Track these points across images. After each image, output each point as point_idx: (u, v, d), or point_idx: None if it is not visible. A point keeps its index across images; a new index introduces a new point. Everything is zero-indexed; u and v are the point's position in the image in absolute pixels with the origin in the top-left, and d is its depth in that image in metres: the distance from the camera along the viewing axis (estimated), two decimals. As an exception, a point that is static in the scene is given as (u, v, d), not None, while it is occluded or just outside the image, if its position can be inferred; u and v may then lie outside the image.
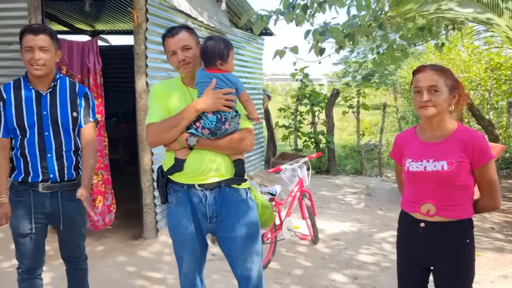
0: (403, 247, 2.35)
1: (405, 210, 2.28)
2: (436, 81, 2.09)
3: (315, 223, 4.73)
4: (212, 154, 2.34)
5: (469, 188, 2.15)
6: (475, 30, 5.37)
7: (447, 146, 2.13)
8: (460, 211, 2.13)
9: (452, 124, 2.17)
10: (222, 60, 2.32)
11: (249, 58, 7.99)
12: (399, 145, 2.34)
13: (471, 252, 2.19)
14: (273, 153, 9.13)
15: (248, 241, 2.42)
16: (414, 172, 2.17)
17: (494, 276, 4.00)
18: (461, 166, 2.09)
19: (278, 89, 44.78)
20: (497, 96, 11.34)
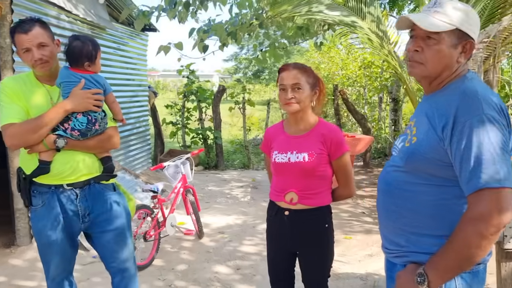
0: (272, 235, 2.48)
1: (272, 199, 2.42)
2: (299, 79, 2.23)
3: (199, 218, 4.79)
4: (80, 153, 2.31)
5: (327, 178, 2.33)
6: (344, 31, 5.78)
7: (308, 139, 2.29)
8: (320, 198, 2.31)
9: (313, 119, 2.34)
10: (90, 61, 2.31)
11: (133, 55, 7.79)
12: (268, 138, 2.48)
13: (330, 236, 2.38)
14: (161, 150, 9.03)
15: (121, 235, 2.45)
16: (280, 163, 2.32)
17: (361, 256, 4.41)
18: (320, 157, 2.26)
19: (169, 86, 44.10)
20: (371, 91, 12.35)
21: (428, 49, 1.50)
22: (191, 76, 9.27)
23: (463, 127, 1.37)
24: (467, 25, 1.47)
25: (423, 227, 1.52)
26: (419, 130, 1.53)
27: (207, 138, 9.18)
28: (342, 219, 5.59)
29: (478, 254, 1.34)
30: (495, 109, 1.38)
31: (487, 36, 2.93)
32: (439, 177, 1.48)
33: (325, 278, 2.43)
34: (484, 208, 1.31)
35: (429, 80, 1.57)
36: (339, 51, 14.59)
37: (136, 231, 4.04)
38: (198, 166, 8.93)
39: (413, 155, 1.51)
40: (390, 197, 1.62)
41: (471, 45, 1.50)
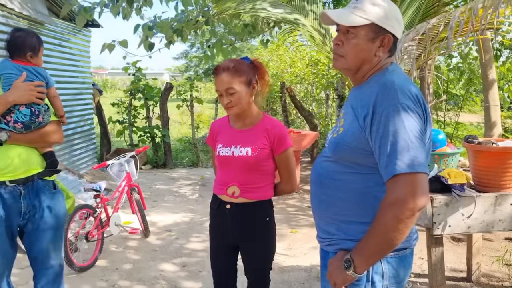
0: (214, 229, 2.48)
1: (215, 193, 2.41)
2: (230, 83, 2.17)
3: (145, 217, 4.73)
4: (21, 148, 2.28)
5: (270, 172, 2.34)
6: (289, 29, 5.88)
7: (253, 133, 2.29)
8: (261, 192, 2.33)
9: (257, 113, 2.33)
10: (33, 53, 2.30)
11: (75, 51, 7.57)
12: (214, 131, 2.46)
13: (271, 229, 2.40)
14: (107, 149, 8.81)
15: (55, 233, 2.42)
16: (224, 156, 2.31)
17: (306, 249, 4.50)
18: (263, 152, 2.26)
19: (118, 84, 43.05)
20: (318, 89, 12.59)
21: (347, 43, 1.56)
22: (138, 73, 9.10)
23: (380, 116, 1.43)
24: (384, 20, 1.52)
25: (351, 215, 1.57)
26: (346, 121, 1.59)
27: (155, 137, 9.05)
28: (288, 214, 5.69)
29: (396, 238, 1.39)
30: (410, 98, 1.44)
31: (417, 34, 3.08)
32: (362, 165, 1.53)
33: (267, 271, 2.45)
34: (400, 193, 1.37)
35: (351, 73, 1.62)
36: (287, 49, 14.78)
37: (78, 231, 3.94)
38: (146, 164, 8.80)
39: (339, 144, 1.57)
40: (321, 187, 1.66)
41: (389, 39, 1.55)
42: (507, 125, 11.68)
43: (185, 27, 6.12)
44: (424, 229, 2.71)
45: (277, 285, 3.63)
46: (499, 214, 2.64)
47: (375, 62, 1.57)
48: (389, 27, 1.54)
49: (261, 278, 2.46)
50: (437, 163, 2.97)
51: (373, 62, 1.57)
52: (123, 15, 5.94)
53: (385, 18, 1.53)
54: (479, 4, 2.77)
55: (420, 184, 1.37)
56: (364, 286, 1.53)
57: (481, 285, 3.66)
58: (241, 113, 2.29)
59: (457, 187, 2.61)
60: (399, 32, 1.59)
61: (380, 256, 1.48)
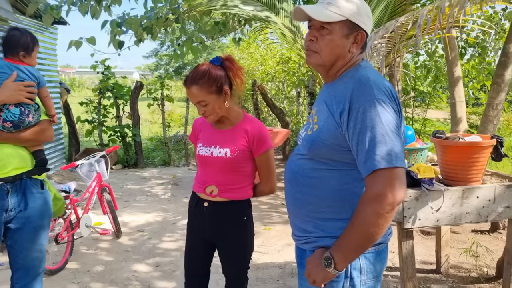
0: (192, 226, 2.46)
1: (194, 190, 2.40)
2: (199, 96, 2.13)
3: (116, 217, 4.66)
4: (10, 146, 2.28)
5: (249, 174, 2.31)
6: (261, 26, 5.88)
7: (232, 134, 2.26)
8: (240, 193, 2.31)
9: (238, 113, 2.30)
10: (26, 52, 2.31)
11: (41, 49, 7.34)
12: (196, 129, 2.44)
13: (249, 228, 2.39)
14: (76, 149, 8.62)
15: (39, 233, 2.40)
16: (203, 156, 2.30)
17: (280, 246, 4.53)
18: (243, 153, 2.23)
19: (86, 83, 42.21)
20: (289, 86, 12.67)
21: (321, 39, 1.55)
22: (107, 72, 8.94)
23: (357, 112, 1.43)
24: (358, 16, 1.53)
25: (328, 212, 1.57)
26: (320, 118, 1.58)
27: (126, 136, 8.91)
28: (262, 211, 5.70)
29: (377, 233, 1.41)
30: (385, 93, 1.45)
31: (387, 32, 3.13)
32: (339, 162, 1.53)
33: (245, 270, 2.45)
34: (379, 188, 1.38)
35: (325, 69, 1.62)
36: (258, 47, 14.81)
37: (47, 233, 3.84)
38: (117, 164, 8.66)
39: (315, 142, 1.56)
40: (296, 185, 1.65)
41: (362, 36, 1.56)
42: (472, 120, 12.05)
43: (155, 25, 6.05)
44: (395, 223, 2.77)
45: (252, 283, 3.64)
46: (466, 207, 2.72)
47: (348, 58, 1.58)
48: (362, 24, 1.55)
49: (238, 277, 2.46)
50: (406, 158, 3.03)
51: (346, 58, 1.58)
52: (92, 14, 5.82)
53: (358, 14, 1.54)
54: (446, 3, 2.84)
55: (399, 178, 1.39)
56: (342, 282, 1.54)
57: (450, 276, 3.76)
58: (219, 119, 2.26)
59: (426, 182, 2.67)
60: (370, 29, 1.61)
61: (360, 251, 1.48)
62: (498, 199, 2.75)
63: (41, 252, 2.44)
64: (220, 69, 2.18)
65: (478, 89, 9.53)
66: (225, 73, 2.20)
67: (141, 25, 5.95)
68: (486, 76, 8.47)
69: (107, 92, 8.88)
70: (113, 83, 8.88)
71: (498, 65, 4.81)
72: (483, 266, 3.91)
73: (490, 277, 3.70)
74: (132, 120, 8.72)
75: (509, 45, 4.61)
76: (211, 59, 2.24)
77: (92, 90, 9.33)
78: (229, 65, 2.21)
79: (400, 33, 3.30)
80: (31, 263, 2.40)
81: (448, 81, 6.18)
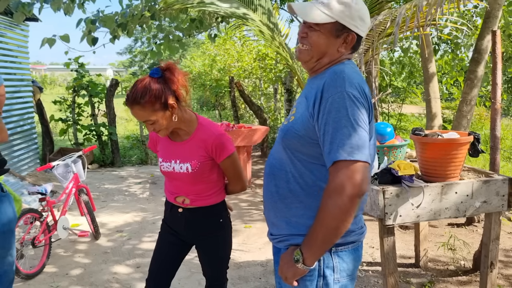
0: (167, 223, 2.40)
1: (167, 198, 2.37)
2: (144, 115, 2.01)
3: (95, 218, 4.58)
4: None
5: (216, 179, 2.26)
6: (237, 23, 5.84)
7: (190, 146, 2.17)
8: (212, 198, 2.27)
9: (191, 122, 2.18)
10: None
11: (12, 47, 7.17)
12: (153, 139, 2.36)
13: (226, 229, 2.36)
14: (50, 149, 8.44)
15: (5, 238, 2.30)
16: (165, 171, 2.24)
17: (261, 243, 4.53)
18: (204, 165, 2.16)
19: (58, 80, 41.38)
20: (266, 83, 12.67)
21: (311, 37, 1.57)
22: (81, 69, 8.76)
23: (326, 102, 1.44)
24: (348, 19, 1.53)
25: (300, 208, 1.56)
26: (298, 110, 1.59)
27: (101, 135, 8.77)
28: (241, 209, 5.70)
29: (340, 226, 1.39)
30: (357, 88, 1.45)
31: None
32: (309, 155, 1.53)
33: (224, 271, 2.44)
34: (338, 181, 1.37)
35: (311, 65, 1.63)
36: (234, 43, 14.75)
37: (23, 237, 3.75)
38: (93, 164, 8.52)
39: (288, 131, 1.56)
40: (272, 179, 1.64)
41: (352, 38, 1.56)
42: (446, 115, 12.30)
43: (130, 22, 5.96)
44: (376, 219, 2.80)
45: (234, 281, 3.63)
46: (445, 203, 2.77)
47: (335, 57, 1.59)
48: (352, 27, 1.55)
49: (218, 277, 2.45)
50: (386, 155, 3.07)
51: (334, 56, 1.59)
52: (65, 11, 5.69)
53: (349, 17, 1.53)
54: (424, 2, 2.88)
55: (358, 172, 1.37)
56: (316, 281, 1.54)
57: (429, 269, 3.83)
58: (173, 131, 2.18)
59: (406, 178, 2.70)
60: (364, 31, 1.60)
61: (327, 245, 1.46)
62: (476, 194, 2.81)
63: (11, 257, 2.37)
64: (161, 82, 2.02)
65: (451, 84, 9.72)
66: (168, 85, 2.03)
67: (115, 22, 5.85)
68: (459, 72, 8.65)
69: (82, 91, 8.70)
70: (88, 81, 8.71)
71: (471, 61, 4.91)
72: (460, 259, 4.00)
73: (467, 270, 3.79)
74: (108, 118, 8.58)
75: (481, 41, 4.71)
76: (150, 72, 2.06)
77: (66, 88, 9.13)
78: (170, 76, 2.04)
79: (379, 31, 3.33)
80: (3, 268, 2.32)
81: (423, 77, 6.28)
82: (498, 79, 3.37)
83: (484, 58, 4.79)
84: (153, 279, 2.38)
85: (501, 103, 3.42)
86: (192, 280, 3.65)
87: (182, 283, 3.60)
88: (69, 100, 8.87)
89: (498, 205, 2.86)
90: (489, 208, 2.86)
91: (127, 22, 5.92)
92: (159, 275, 2.38)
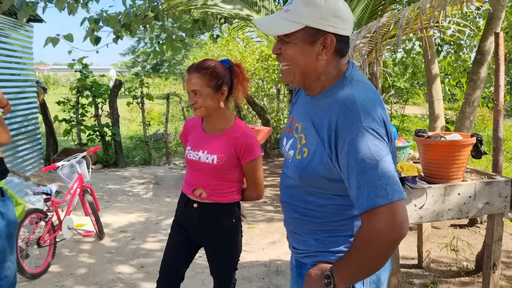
0: (178, 223, 2.44)
1: (184, 191, 2.40)
2: (197, 85, 2.14)
3: (99, 218, 4.61)
4: None
5: (236, 180, 2.32)
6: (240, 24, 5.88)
7: (221, 140, 2.25)
8: (228, 197, 2.32)
9: (229, 118, 2.28)
10: None
11: (16, 47, 7.20)
12: (187, 129, 2.43)
13: (237, 230, 2.40)
14: (54, 149, 8.47)
15: (6, 242, 2.30)
16: (191, 160, 2.30)
17: (264, 244, 4.55)
18: (230, 161, 2.23)
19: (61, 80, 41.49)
20: (269, 84, 12.69)
21: (285, 52, 1.41)
22: (84, 70, 8.80)
23: (344, 142, 1.30)
24: (319, 20, 1.35)
25: (328, 230, 1.49)
26: (309, 140, 1.44)
27: (105, 135, 8.80)
28: (244, 210, 5.71)
29: (377, 266, 1.31)
30: (374, 118, 1.31)
31: (369, 32, 3.18)
32: (334, 189, 1.42)
33: (233, 272, 2.47)
34: (376, 227, 1.24)
35: (300, 85, 1.48)
36: (237, 44, 14.78)
37: (28, 237, 3.78)
38: (97, 164, 8.55)
39: (306, 171, 1.43)
40: (293, 209, 1.55)
41: (331, 39, 1.37)
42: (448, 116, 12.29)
43: (134, 22, 5.99)
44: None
45: (237, 281, 3.64)
46: (448, 204, 2.78)
47: (321, 67, 1.41)
48: (327, 27, 1.36)
49: (227, 278, 2.47)
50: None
51: (318, 67, 1.41)
52: (69, 10, 5.73)
53: (320, 18, 1.35)
54: (427, 4, 2.90)
55: (398, 213, 1.23)
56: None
57: (431, 270, 3.84)
58: (208, 116, 2.26)
59: (409, 180, 2.72)
60: (345, 29, 1.40)
61: (361, 279, 1.41)
62: (478, 196, 2.82)
63: (12, 261, 2.37)
64: (227, 71, 2.21)
65: (453, 85, 9.72)
66: (230, 76, 2.22)
67: (119, 22, 5.89)
68: (462, 73, 8.65)
69: (85, 91, 8.74)
70: (92, 82, 8.75)
71: (473, 62, 4.92)
72: (463, 260, 4.01)
73: (470, 271, 3.81)
74: (111, 119, 8.62)
75: (484, 43, 4.72)
76: (221, 59, 2.25)
77: (70, 89, 9.17)
78: (237, 71, 2.23)
79: (382, 33, 3.35)
80: (4, 273, 2.32)
81: (425, 78, 6.29)
82: (500, 81, 3.38)
83: (487, 59, 4.80)
84: (164, 280, 2.42)
85: (503, 105, 3.43)
86: (195, 280, 3.68)
87: (185, 283, 3.61)
88: (73, 101, 8.90)
89: (501, 207, 2.87)
90: (491, 210, 2.88)
91: (130, 22, 5.96)
92: (169, 276, 2.41)
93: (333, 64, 1.42)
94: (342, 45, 1.41)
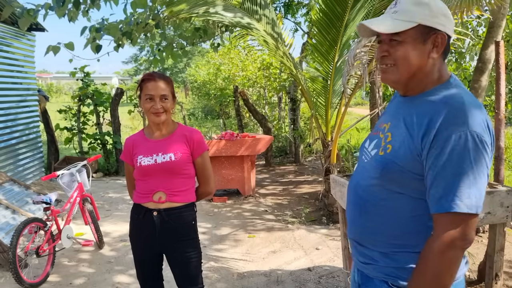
0: (139, 237, 2.48)
1: (139, 202, 2.44)
2: (166, 90, 2.37)
3: (98, 227, 4.59)
4: None
5: (191, 176, 2.48)
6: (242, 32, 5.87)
7: (172, 141, 2.43)
8: (186, 195, 2.44)
9: (174, 123, 2.51)
10: None
11: (18, 56, 7.23)
12: (129, 146, 2.52)
13: (196, 232, 2.53)
14: (55, 158, 8.47)
15: None
16: (146, 166, 2.39)
17: (265, 253, 4.51)
18: (185, 156, 2.41)
19: (64, 89, 41.63)
20: (270, 92, 12.70)
21: (394, 52, 1.40)
22: (86, 79, 8.83)
23: (445, 141, 1.27)
24: (430, 18, 1.37)
25: (398, 244, 1.44)
26: (395, 137, 1.42)
27: (106, 143, 8.80)
28: (245, 219, 5.68)
29: (451, 277, 1.30)
30: (481, 125, 1.28)
31: (369, 41, 3.17)
32: (414, 189, 1.39)
33: (200, 273, 2.53)
34: (452, 234, 1.26)
35: (403, 84, 1.46)
36: (239, 53, 14.82)
37: (27, 246, 3.76)
38: (98, 172, 8.54)
39: (388, 166, 1.41)
40: (366, 214, 1.51)
41: (442, 38, 1.38)
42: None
43: (135, 30, 6.01)
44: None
45: (237, 292, 3.62)
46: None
47: (429, 67, 1.41)
48: (438, 25, 1.37)
49: (195, 281, 2.51)
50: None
51: (427, 66, 1.41)
52: (69, 18, 5.75)
53: (431, 16, 1.36)
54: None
55: (471, 226, 1.27)
56: None
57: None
58: (163, 122, 2.41)
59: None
60: (450, 29, 1.41)
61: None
62: (480, 205, 2.80)
63: None
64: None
65: (455, 93, 9.70)
66: None
67: (120, 30, 5.91)
68: (463, 81, 8.64)
69: (87, 100, 8.76)
70: (93, 90, 8.77)
71: (475, 70, 4.91)
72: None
73: (472, 281, 3.76)
74: (113, 127, 8.62)
75: (485, 51, 4.71)
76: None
77: (72, 97, 9.19)
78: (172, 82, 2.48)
79: (382, 42, 3.33)
80: None
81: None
82: (501, 90, 3.37)
83: (488, 68, 4.79)
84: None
85: (505, 113, 3.42)
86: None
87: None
88: (74, 109, 8.92)
89: (503, 217, 2.84)
90: (493, 220, 2.85)
91: (131, 31, 5.98)
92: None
93: (438, 65, 1.42)
94: (447, 46, 1.42)
